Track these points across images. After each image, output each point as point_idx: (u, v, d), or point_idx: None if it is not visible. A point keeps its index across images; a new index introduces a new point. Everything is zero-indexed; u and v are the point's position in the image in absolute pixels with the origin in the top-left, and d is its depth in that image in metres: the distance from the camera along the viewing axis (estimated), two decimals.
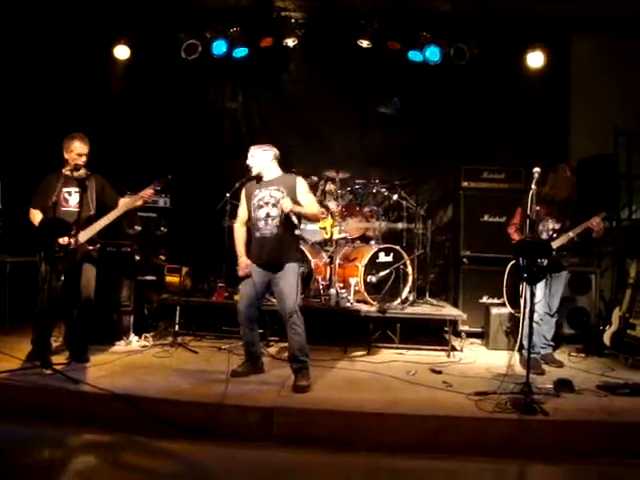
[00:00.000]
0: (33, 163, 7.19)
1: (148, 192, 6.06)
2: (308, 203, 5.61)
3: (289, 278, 5.46)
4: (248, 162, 5.62)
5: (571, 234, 6.11)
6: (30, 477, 3.98)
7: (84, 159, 5.80)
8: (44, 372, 5.18)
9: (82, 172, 5.74)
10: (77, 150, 5.79)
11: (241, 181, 7.52)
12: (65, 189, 5.78)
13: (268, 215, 5.50)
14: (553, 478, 4.33)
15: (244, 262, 5.63)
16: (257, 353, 5.83)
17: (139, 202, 6.09)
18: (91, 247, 5.82)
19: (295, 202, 5.46)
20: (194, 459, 4.35)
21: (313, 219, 6.16)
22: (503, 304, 7.02)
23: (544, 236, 6.23)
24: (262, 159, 5.61)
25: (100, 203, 5.96)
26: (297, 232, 5.70)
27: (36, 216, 5.71)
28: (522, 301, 5.81)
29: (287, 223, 5.47)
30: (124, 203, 6.07)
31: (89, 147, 5.86)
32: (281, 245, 5.49)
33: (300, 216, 5.60)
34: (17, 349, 5.92)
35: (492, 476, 4.30)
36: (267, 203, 5.52)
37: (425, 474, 4.30)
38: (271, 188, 5.56)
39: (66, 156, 5.82)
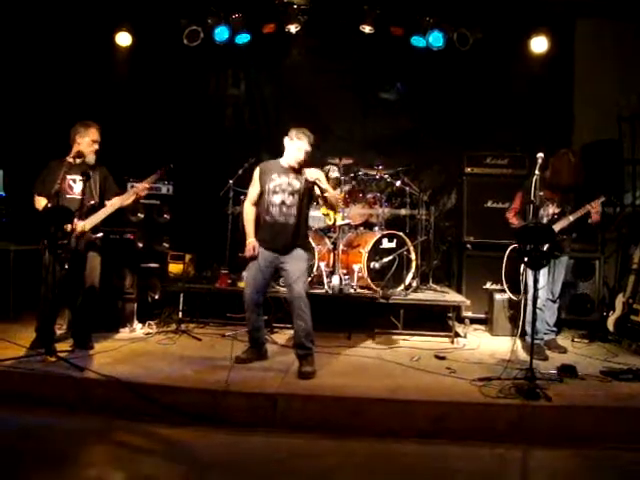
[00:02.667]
0: (36, 151, 7.18)
1: (149, 183, 6.07)
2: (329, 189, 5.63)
3: (297, 263, 5.47)
4: (298, 155, 5.43)
5: (571, 218, 6.11)
6: (35, 464, 3.99)
7: (97, 147, 5.82)
8: (48, 359, 5.19)
9: (92, 158, 5.77)
10: (93, 137, 5.81)
11: (244, 167, 7.58)
12: (69, 176, 5.77)
13: (283, 203, 5.45)
14: (556, 463, 4.33)
15: (252, 243, 5.56)
16: (261, 339, 5.84)
17: (140, 193, 6.09)
18: (95, 236, 5.83)
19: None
20: (198, 445, 4.37)
21: (333, 202, 5.93)
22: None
23: (544, 221, 6.20)
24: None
25: (101, 194, 5.96)
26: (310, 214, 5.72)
27: (41, 202, 5.69)
28: (522, 287, 5.81)
29: (307, 200, 5.51)
30: (125, 195, 6.07)
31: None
32: (292, 234, 5.48)
33: (322, 193, 5.53)
34: (21, 337, 5.94)
35: (496, 461, 4.31)
36: (284, 191, 5.46)
37: (429, 459, 4.31)
38: (291, 176, 5.50)
39: (78, 141, 5.80)
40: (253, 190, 5.66)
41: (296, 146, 5.44)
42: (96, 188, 5.89)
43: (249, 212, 5.69)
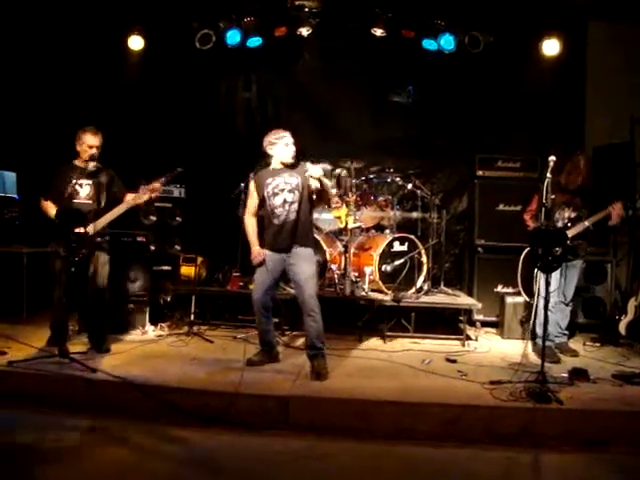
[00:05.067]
0: (48, 154, 7.23)
1: (157, 186, 6.08)
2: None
3: (306, 264, 5.50)
4: (290, 149, 5.57)
5: (587, 223, 6.08)
6: (49, 464, 4.02)
7: (94, 151, 5.85)
8: (62, 361, 5.23)
9: (91, 165, 5.82)
10: (88, 142, 5.84)
11: (256, 169, 7.59)
12: (76, 181, 5.80)
13: (285, 201, 5.50)
14: (567, 467, 4.31)
15: (257, 250, 5.62)
16: (272, 342, 5.85)
17: (146, 196, 6.09)
18: (100, 239, 5.85)
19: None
20: (210, 446, 4.39)
21: (329, 195, 5.97)
22: (518, 293, 7.04)
23: (560, 224, 6.19)
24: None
25: (108, 196, 5.98)
26: (314, 216, 5.80)
27: (48, 208, 5.73)
28: (536, 289, 5.80)
29: (308, 194, 5.52)
30: (132, 197, 6.08)
31: (101, 139, 5.91)
32: (298, 230, 5.51)
33: (322, 187, 5.50)
34: (34, 338, 5.99)
35: (506, 465, 4.30)
36: (282, 190, 5.52)
37: (439, 462, 4.31)
38: (285, 175, 5.57)
39: (78, 148, 5.87)
40: (251, 202, 5.76)
41: (282, 143, 5.57)
42: (102, 191, 5.92)
43: (249, 224, 5.78)
